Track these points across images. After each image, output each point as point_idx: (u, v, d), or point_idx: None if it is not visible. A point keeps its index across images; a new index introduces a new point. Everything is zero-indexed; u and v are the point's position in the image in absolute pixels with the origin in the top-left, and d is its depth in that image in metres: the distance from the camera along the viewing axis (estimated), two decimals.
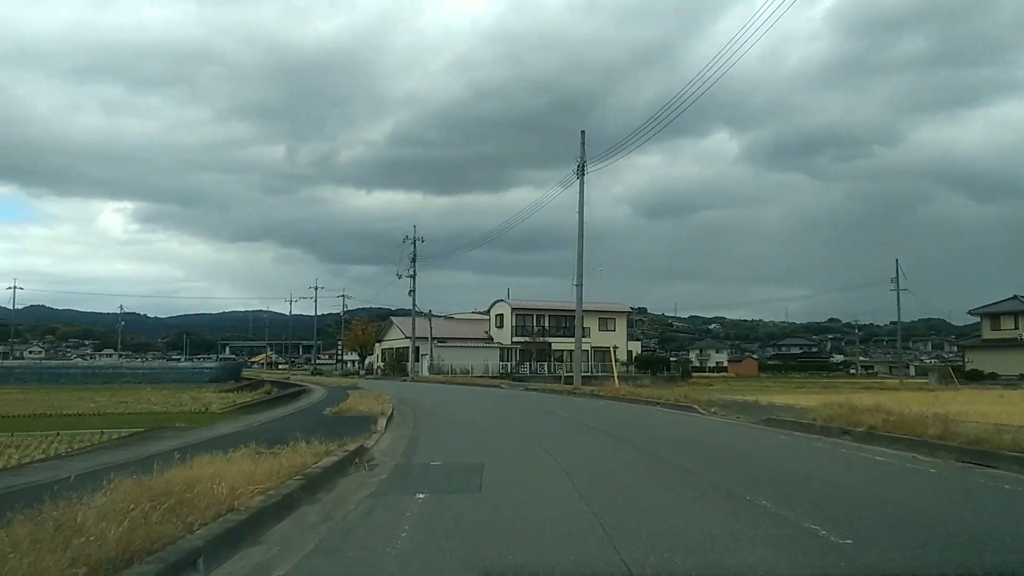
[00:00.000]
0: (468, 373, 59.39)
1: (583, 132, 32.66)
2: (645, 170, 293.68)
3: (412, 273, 54.94)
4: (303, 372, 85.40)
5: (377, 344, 74.61)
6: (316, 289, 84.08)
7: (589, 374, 67.99)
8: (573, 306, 72.76)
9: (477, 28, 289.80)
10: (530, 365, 64.43)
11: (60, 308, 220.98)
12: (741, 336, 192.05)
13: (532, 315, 67.38)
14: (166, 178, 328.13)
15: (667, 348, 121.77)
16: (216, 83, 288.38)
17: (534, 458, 10.51)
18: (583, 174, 31.26)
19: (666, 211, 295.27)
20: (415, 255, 55.19)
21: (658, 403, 22.41)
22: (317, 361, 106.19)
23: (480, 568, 4.60)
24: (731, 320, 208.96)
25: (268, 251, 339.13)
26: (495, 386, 41.73)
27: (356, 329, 75.10)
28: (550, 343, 66.21)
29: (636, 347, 72.77)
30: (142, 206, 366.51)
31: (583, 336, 69.95)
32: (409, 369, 61.38)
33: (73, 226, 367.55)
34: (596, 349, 69.04)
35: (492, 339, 67.85)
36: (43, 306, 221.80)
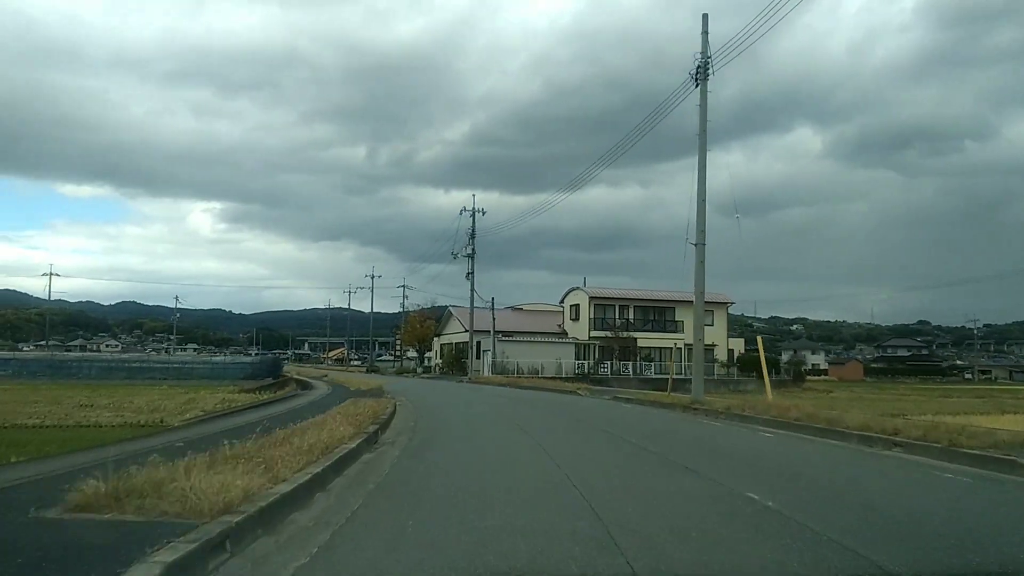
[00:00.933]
0: (537, 373, 48.35)
1: (705, 16, 20.92)
2: (725, 167, 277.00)
3: (470, 251, 44.20)
4: (359, 370, 76.39)
5: (436, 339, 64.42)
6: (373, 277, 74.96)
7: (681, 376, 56.12)
8: (663, 296, 60.73)
9: (555, 27, 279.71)
10: (611, 364, 52.76)
11: (150, 304, 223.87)
12: (824, 338, 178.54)
13: (614, 306, 55.68)
14: (252, 179, 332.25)
15: (748, 350, 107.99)
16: (300, 86, 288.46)
17: None
18: (705, 78, 19.73)
19: (748, 209, 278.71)
20: (474, 230, 44.47)
21: (891, 438, 10.90)
22: (380, 358, 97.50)
23: None
24: (813, 321, 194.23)
25: (349, 250, 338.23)
26: (571, 392, 30.46)
27: (413, 323, 65.23)
28: (635, 339, 54.34)
29: (738, 345, 59.96)
30: (230, 206, 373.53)
31: (674, 332, 58.00)
32: (469, 367, 50.75)
33: (164, 225, 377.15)
34: (691, 347, 56.73)
35: (566, 333, 56.49)
36: (133, 302, 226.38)
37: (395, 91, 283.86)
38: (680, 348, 56.50)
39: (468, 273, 44.32)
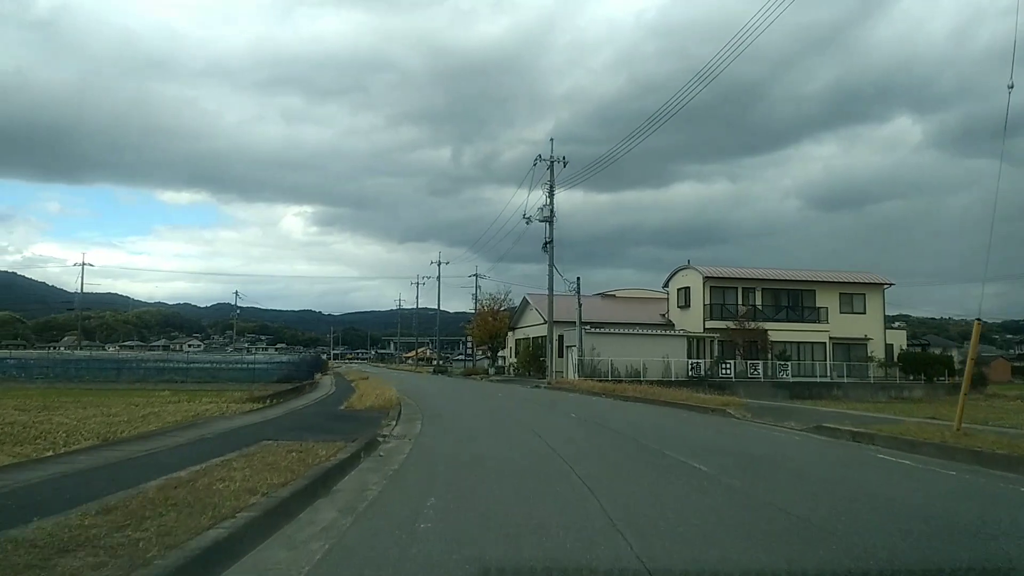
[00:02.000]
0: (639, 375, 35.86)
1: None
2: (818, 160, 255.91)
3: (547, 214, 32.12)
4: (426, 370, 65.82)
5: (510, 334, 52.61)
6: (439, 264, 63.87)
7: (828, 379, 42.21)
8: (799, 275, 46.66)
9: (641, 21, 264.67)
10: (734, 364, 39.50)
11: (244, 306, 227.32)
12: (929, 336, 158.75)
13: (735, 289, 42.26)
14: (341, 182, 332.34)
15: (910, 345, 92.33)
16: (387, 90, 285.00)
17: None
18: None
19: (841, 203, 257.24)
20: (552, 185, 32.32)
21: None
22: (456, 358, 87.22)
23: None
24: (916, 318, 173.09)
25: (434, 251, 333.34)
26: (718, 410, 17.58)
27: (483, 315, 53.68)
28: (765, 331, 40.78)
29: (899, 338, 45.28)
30: (320, 210, 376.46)
31: (815, 321, 43.80)
32: (548, 368, 38.79)
33: (258, 229, 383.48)
34: (837, 341, 42.62)
35: (672, 324, 43.52)
36: (228, 303, 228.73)
37: (479, 92, 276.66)
38: (824, 343, 42.59)
39: (546, 242, 32.28)
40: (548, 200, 32.25)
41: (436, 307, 70.86)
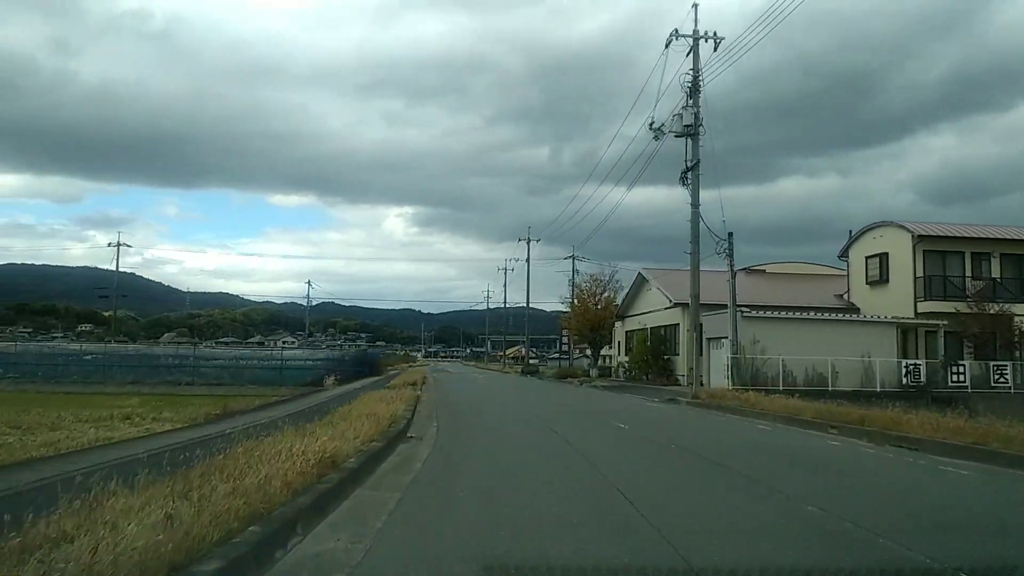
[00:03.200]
0: (825, 382, 22.45)
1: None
2: (934, 152, 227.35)
3: (688, 122, 19.13)
4: (515, 370, 54.12)
5: (618, 325, 39.62)
6: (529, 241, 51.82)
7: None
8: None
9: (745, 10, 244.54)
10: (968, 367, 24.97)
11: (347, 304, 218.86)
12: None
13: (961, 255, 27.62)
14: (440, 183, 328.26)
15: None
16: (485, 90, 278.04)
17: None
18: None
19: (957, 196, 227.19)
20: (697, 74, 19.25)
21: None
22: (550, 356, 75.24)
23: None
24: None
25: (532, 249, 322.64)
26: None
27: (582, 301, 40.91)
28: (1012, 316, 26.07)
29: None
30: (421, 210, 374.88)
31: None
32: (683, 370, 25.81)
33: (362, 231, 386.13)
34: None
35: (855, 308, 29.40)
36: (332, 303, 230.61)
37: (578, 89, 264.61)
38: None
39: (685, 172, 19.33)
40: (689, 100, 19.22)
41: (526, 289, 58.56)
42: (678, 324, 29.24)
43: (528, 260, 54.65)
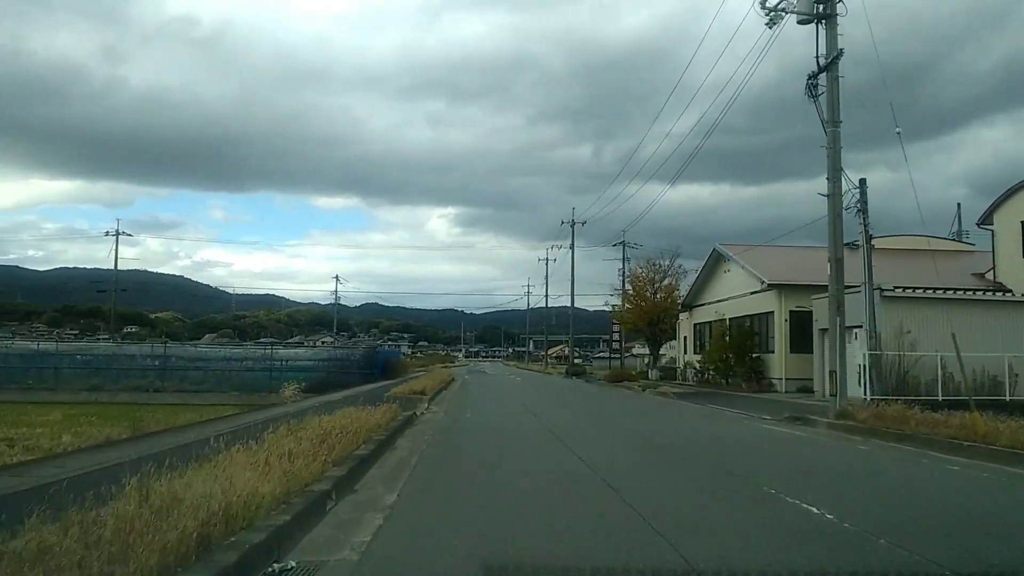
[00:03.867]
0: (1001, 391, 15.21)
1: None
2: (988, 144, 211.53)
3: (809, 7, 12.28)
4: (559, 371, 47.64)
5: (683, 316, 32.50)
6: (572, 224, 45.19)
7: None
8: None
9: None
10: None
11: (390, 305, 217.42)
12: None
13: None
14: (483, 183, 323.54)
15: None
16: (529, 89, 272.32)
17: None
18: None
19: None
20: None
21: None
22: (598, 356, 68.50)
23: None
24: None
25: (575, 248, 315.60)
26: None
27: (638, 288, 33.77)
28: None
29: None
30: (463, 211, 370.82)
31: None
32: (778, 372, 18.81)
33: (405, 232, 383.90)
34: None
35: (1008, 289, 21.71)
36: (376, 303, 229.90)
37: (621, 86, 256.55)
38: None
39: (814, 75, 12.57)
40: None
41: (570, 276, 51.62)
42: (771, 312, 22.21)
43: (572, 246, 47.87)
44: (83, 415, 17.19)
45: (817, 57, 12.91)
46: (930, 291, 18.00)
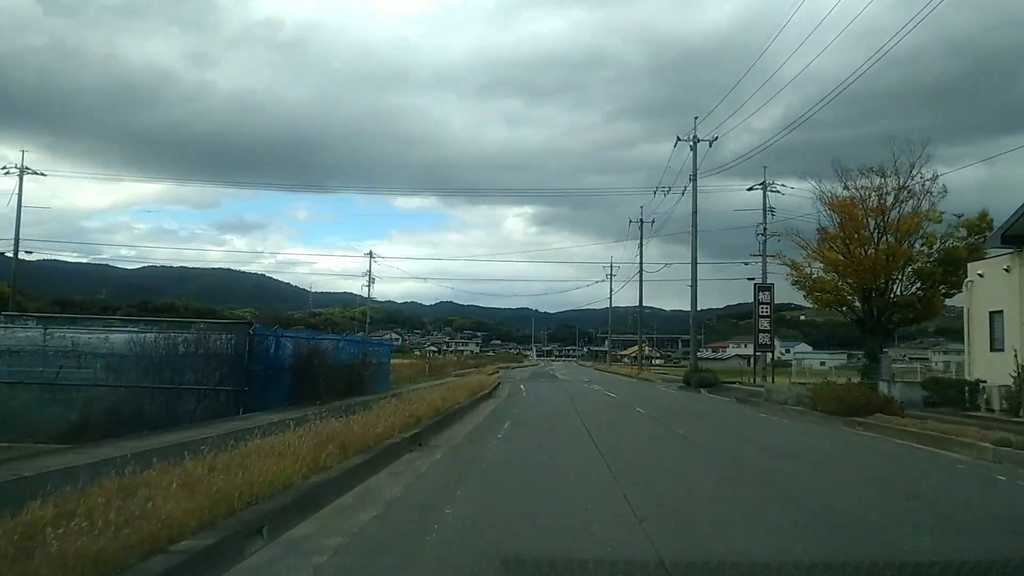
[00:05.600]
0: None
1: None
2: None
3: None
4: (657, 376, 30.33)
5: (980, 271, 14.73)
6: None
7: None
8: None
9: None
10: None
11: (465, 304, 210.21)
12: None
13: None
14: (559, 182, 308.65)
15: None
16: (606, 86, 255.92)
17: None
18: None
19: None
20: None
21: None
22: (701, 356, 51.42)
23: None
24: None
25: (652, 248, 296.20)
26: None
27: (851, 218, 16.26)
28: None
29: None
30: (539, 210, 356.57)
31: None
32: None
33: (482, 231, 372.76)
34: None
35: None
36: (450, 302, 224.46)
37: (702, 81, 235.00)
38: None
39: None
40: None
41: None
42: None
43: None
44: None
45: None
46: None
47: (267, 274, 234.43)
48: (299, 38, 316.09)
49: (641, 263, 34.00)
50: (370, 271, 52.07)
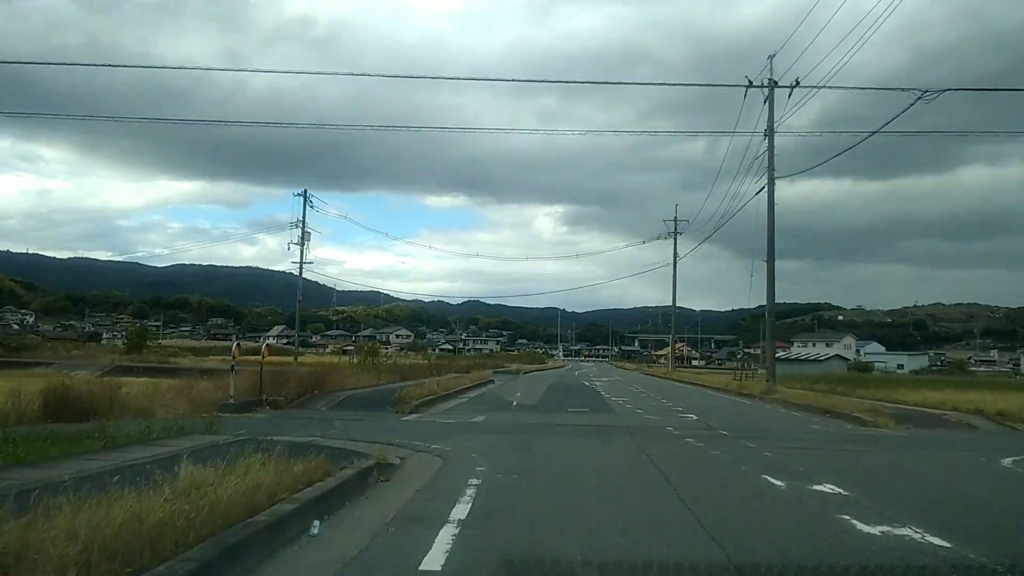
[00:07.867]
0: None
1: None
2: None
3: None
4: (707, 378, 24.08)
5: None
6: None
7: None
8: None
9: None
10: None
11: (491, 303, 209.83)
12: None
13: None
14: (590, 181, 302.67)
15: None
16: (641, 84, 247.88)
17: None
18: None
19: None
20: None
21: None
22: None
23: None
24: None
25: (682, 247, 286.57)
26: None
27: None
28: None
29: None
30: (570, 209, 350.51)
31: None
32: None
33: (512, 231, 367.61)
34: None
35: None
36: (477, 300, 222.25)
37: (739, 78, 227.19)
38: None
39: None
40: None
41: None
42: None
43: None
44: None
45: None
46: None
47: (294, 272, 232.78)
48: (332, 35, 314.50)
49: (675, 278, 28.18)
50: (304, 216, 35.62)
